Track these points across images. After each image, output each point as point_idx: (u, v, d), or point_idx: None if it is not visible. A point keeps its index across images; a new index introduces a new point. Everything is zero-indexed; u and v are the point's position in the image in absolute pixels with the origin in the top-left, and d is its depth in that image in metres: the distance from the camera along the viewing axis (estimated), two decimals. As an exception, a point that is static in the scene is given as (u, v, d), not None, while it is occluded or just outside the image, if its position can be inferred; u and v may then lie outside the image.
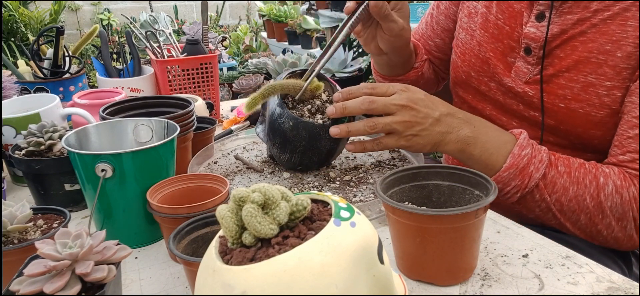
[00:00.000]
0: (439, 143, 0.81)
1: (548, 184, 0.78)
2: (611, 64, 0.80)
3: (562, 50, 0.84)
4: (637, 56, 0.78)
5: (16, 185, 0.99)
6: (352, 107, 0.82)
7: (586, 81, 0.82)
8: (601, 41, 0.80)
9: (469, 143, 0.80)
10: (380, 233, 0.68)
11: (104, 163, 0.70)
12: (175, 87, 1.30)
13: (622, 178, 0.77)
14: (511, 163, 0.78)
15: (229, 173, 0.93)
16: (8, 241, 0.64)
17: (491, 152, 0.80)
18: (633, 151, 0.78)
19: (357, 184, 0.87)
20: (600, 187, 0.77)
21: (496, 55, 0.92)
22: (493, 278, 0.65)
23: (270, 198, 0.43)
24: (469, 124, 0.82)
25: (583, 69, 0.82)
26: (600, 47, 0.81)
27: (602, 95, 0.81)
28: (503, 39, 0.92)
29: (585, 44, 0.82)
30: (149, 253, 0.75)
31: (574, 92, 0.83)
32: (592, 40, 0.81)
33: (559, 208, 0.79)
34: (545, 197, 0.79)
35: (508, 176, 0.79)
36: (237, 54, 4.20)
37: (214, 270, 0.42)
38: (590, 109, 0.83)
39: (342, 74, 2.00)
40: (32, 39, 2.63)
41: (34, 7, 4.63)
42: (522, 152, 0.79)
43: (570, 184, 0.78)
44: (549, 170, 0.78)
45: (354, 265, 0.42)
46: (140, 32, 1.40)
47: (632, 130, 0.78)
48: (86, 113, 1.00)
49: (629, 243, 0.80)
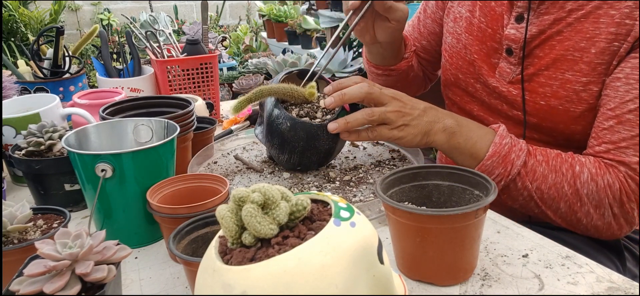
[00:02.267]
0: (428, 133, 0.84)
1: (529, 172, 0.81)
2: (586, 60, 0.83)
3: (541, 49, 0.88)
4: (609, 51, 0.81)
5: (16, 185, 0.99)
6: (351, 93, 0.83)
7: (564, 78, 0.86)
8: (576, 39, 0.84)
9: (454, 131, 0.84)
10: (380, 233, 0.68)
11: (104, 163, 0.70)
12: (175, 87, 1.30)
13: (597, 167, 0.80)
14: (494, 151, 0.82)
15: (229, 173, 0.93)
16: (8, 241, 0.64)
17: (475, 141, 0.84)
18: (608, 142, 0.81)
19: (357, 184, 0.87)
20: (576, 175, 0.80)
21: (481, 57, 0.96)
22: (493, 278, 0.65)
23: (270, 198, 0.43)
24: (451, 116, 0.86)
25: (560, 67, 0.86)
26: (575, 44, 0.84)
27: (580, 91, 0.85)
28: (487, 41, 0.95)
29: (561, 43, 0.86)
30: (149, 253, 0.75)
31: (553, 89, 0.87)
32: (567, 39, 0.85)
33: (539, 196, 0.82)
34: (526, 185, 0.82)
35: (491, 164, 0.82)
36: (237, 54, 4.20)
37: (213, 270, 0.42)
38: (569, 105, 0.86)
39: (342, 73, 2.00)
40: (32, 39, 2.63)
41: (34, 7, 4.63)
42: (503, 141, 0.82)
43: (549, 172, 0.81)
44: (528, 158, 0.82)
45: (354, 265, 0.42)
46: (140, 32, 1.40)
47: (607, 122, 0.81)
48: (86, 113, 1.00)
49: (608, 232, 0.83)
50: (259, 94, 0.86)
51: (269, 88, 0.86)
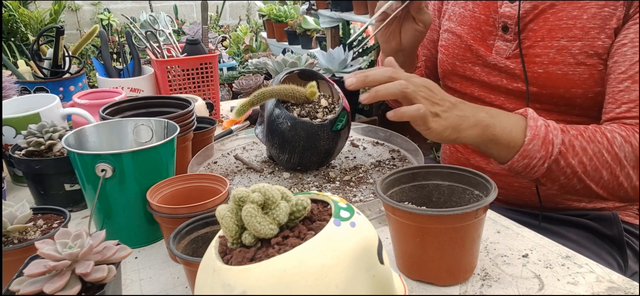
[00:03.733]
0: (458, 128, 0.78)
1: (568, 148, 0.80)
2: (579, 26, 0.88)
3: (536, 23, 0.92)
4: (601, 16, 0.86)
5: (16, 185, 0.99)
6: (374, 76, 0.77)
7: (559, 45, 0.89)
8: (568, 9, 0.89)
9: (489, 124, 0.79)
10: (380, 233, 0.68)
11: (104, 163, 0.70)
12: (175, 87, 1.30)
13: (624, 129, 0.81)
14: (533, 135, 0.79)
15: (229, 173, 0.93)
16: (8, 241, 0.64)
17: (510, 130, 0.80)
18: (627, 102, 0.82)
19: (357, 184, 0.87)
20: (611, 141, 0.80)
21: (476, 41, 1.00)
22: (493, 278, 0.65)
23: (270, 198, 0.43)
24: (482, 109, 0.81)
25: (555, 35, 0.89)
26: (568, 14, 0.89)
27: (576, 54, 0.88)
28: (481, 27, 1.00)
29: (555, 14, 0.90)
30: (149, 253, 0.75)
31: (550, 56, 0.90)
32: (561, 10, 0.90)
33: (583, 170, 0.80)
34: (569, 161, 0.80)
35: (533, 148, 0.79)
36: (237, 54, 4.20)
37: (213, 270, 0.42)
38: (567, 69, 0.89)
39: (342, 73, 2.00)
40: (32, 39, 2.63)
41: (34, 7, 4.62)
42: (537, 123, 0.80)
43: (586, 143, 0.80)
44: (564, 135, 0.80)
45: (353, 265, 0.42)
46: (140, 32, 1.40)
47: (622, 84, 0.83)
48: (86, 113, 1.00)
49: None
50: (261, 97, 0.86)
51: (270, 90, 0.86)
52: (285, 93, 0.86)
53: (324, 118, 0.87)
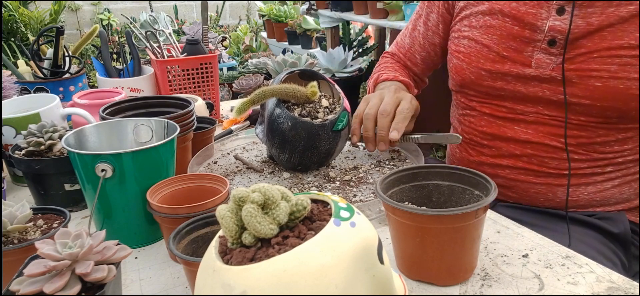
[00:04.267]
0: None
1: None
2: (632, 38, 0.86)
3: (590, 39, 0.90)
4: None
5: (16, 185, 0.99)
6: None
7: (622, 61, 0.88)
8: (629, 30, 0.87)
9: None
10: (380, 233, 0.68)
11: (104, 163, 0.70)
12: (175, 87, 1.30)
13: None
14: None
15: (229, 173, 0.93)
16: (8, 241, 0.64)
17: None
18: None
19: (357, 184, 0.87)
20: None
21: (510, 53, 0.97)
22: (493, 278, 0.65)
23: (270, 198, 0.43)
24: None
25: (617, 53, 0.88)
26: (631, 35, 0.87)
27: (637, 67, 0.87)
28: (515, 38, 0.97)
29: (613, 33, 0.88)
30: (149, 253, 0.75)
31: (611, 71, 0.88)
32: (621, 31, 0.88)
33: None
34: None
35: None
36: (237, 54, 4.20)
37: (213, 270, 0.42)
38: (630, 83, 0.88)
39: (342, 73, 2.00)
40: (32, 39, 2.63)
41: (34, 7, 4.62)
42: None
43: None
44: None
45: (353, 265, 0.42)
46: (140, 32, 1.40)
47: None
48: (86, 113, 1.00)
49: None
50: (262, 96, 0.85)
51: (271, 89, 0.86)
52: (286, 93, 0.86)
53: (325, 119, 0.87)
